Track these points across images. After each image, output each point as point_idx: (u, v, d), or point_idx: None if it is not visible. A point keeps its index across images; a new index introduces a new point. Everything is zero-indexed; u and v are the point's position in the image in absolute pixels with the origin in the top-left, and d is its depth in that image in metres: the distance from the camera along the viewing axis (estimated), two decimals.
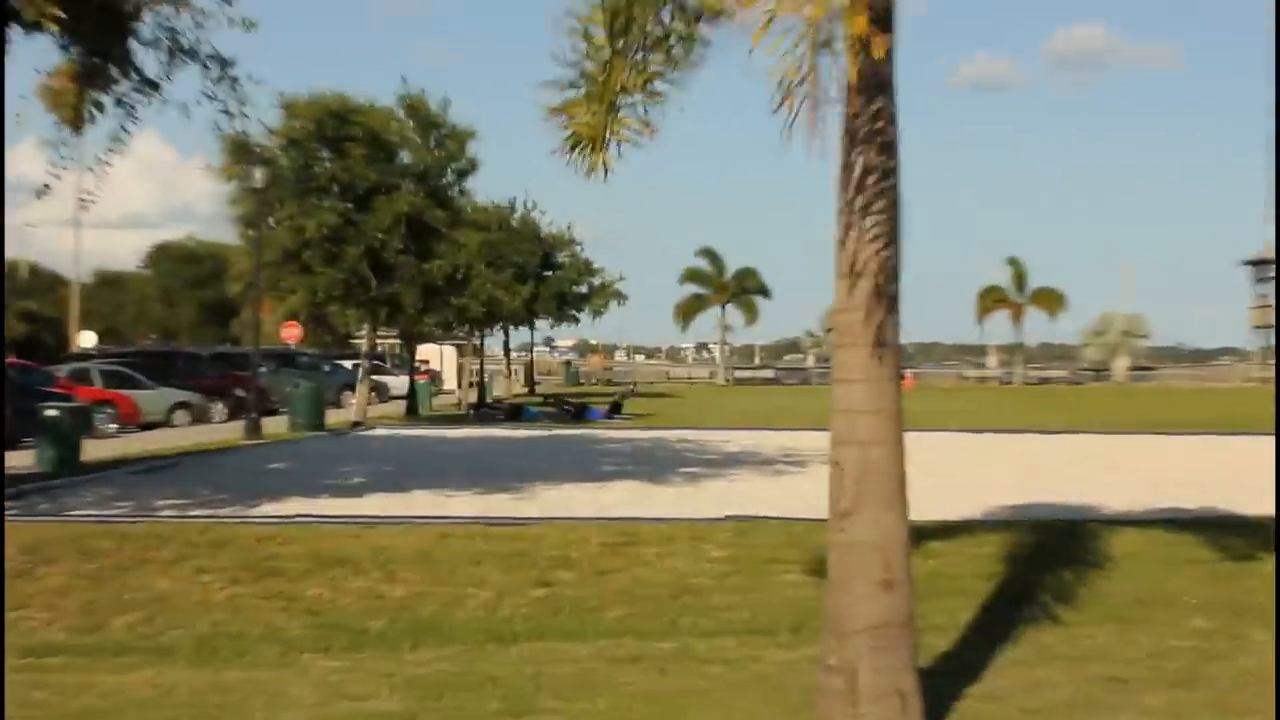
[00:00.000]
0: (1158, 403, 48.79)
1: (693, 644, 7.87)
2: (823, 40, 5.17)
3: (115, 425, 27.66)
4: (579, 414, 35.87)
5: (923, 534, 11.14)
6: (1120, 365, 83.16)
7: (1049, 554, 10.63)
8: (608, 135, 6.60)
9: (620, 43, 6.54)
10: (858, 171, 5.95)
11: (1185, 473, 18.46)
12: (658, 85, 6.64)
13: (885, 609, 5.88)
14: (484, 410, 38.37)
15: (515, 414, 36.35)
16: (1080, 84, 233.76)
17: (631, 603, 8.92)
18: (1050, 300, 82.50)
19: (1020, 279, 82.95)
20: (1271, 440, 16.43)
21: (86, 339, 51.41)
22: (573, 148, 6.67)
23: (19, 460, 18.16)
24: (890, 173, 5.96)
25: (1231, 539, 10.86)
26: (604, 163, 6.61)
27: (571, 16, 6.66)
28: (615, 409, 36.92)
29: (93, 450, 19.89)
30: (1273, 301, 71.79)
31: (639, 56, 6.60)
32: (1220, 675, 7.19)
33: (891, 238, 5.96)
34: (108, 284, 72.53)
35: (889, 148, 5.97)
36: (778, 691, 6.82)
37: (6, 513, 12.81)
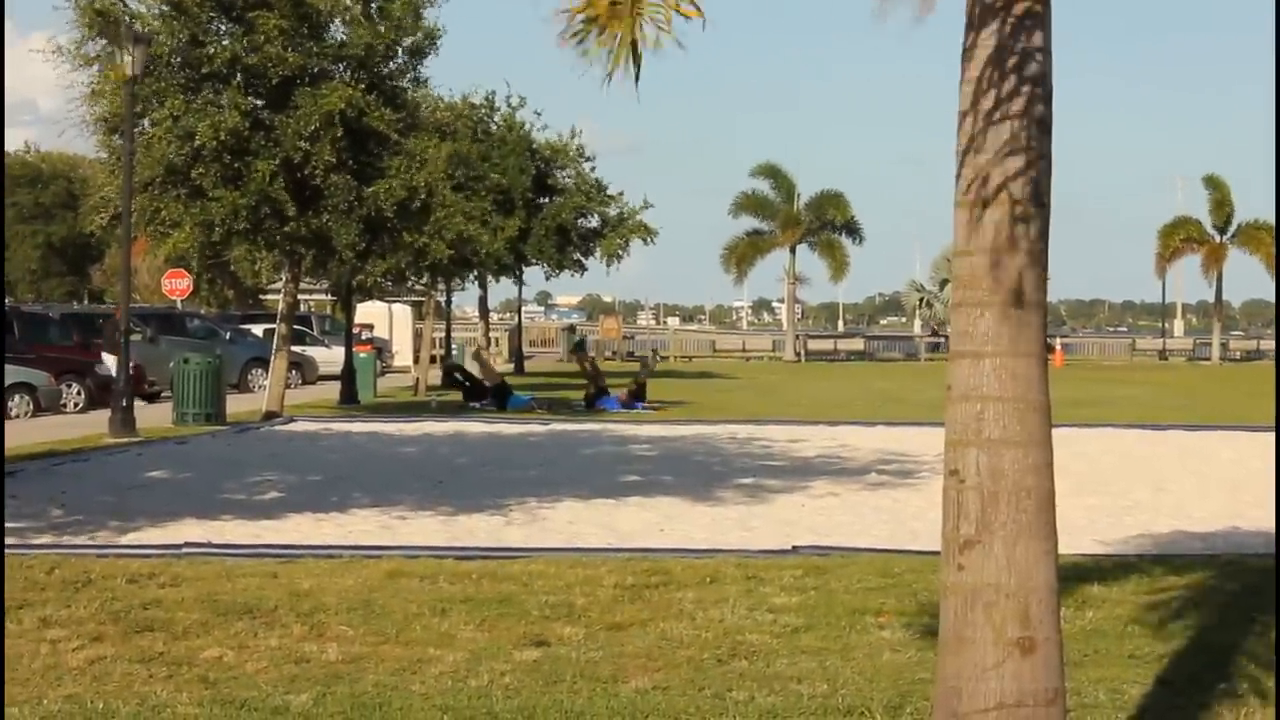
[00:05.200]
0: None
1: None
2: None
3: None
4: (490, 396, 36.48)
5: (1078, 574, 11.16)
6: None
7: (1260, 603, 10.65)
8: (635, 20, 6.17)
9: None
10: (989, 51, 5.98)
11: None
12: None
13: (1023, 680, 5.91)
14: (488, 396, 37.93)
15: (500, 399, 36.55)
16: None
17: (661, 670, 8.98)
18: (1264, 240, 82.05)
19: (1223, 209, 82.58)
20: None
21: None
22: (578, 36, 6.21)
23: None
24: (1036, 54, 5.99)
25: None
26: (633, 61, 6.11)
27: None
28: (637, 395, 37.02)
29: None
30: None
31: None
32: None
33: (1036, 148, 5.99)
34: None
35: (1036, 17, 5.98)
36: None
37: None
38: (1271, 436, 26.24)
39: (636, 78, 6.03)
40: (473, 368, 41.27)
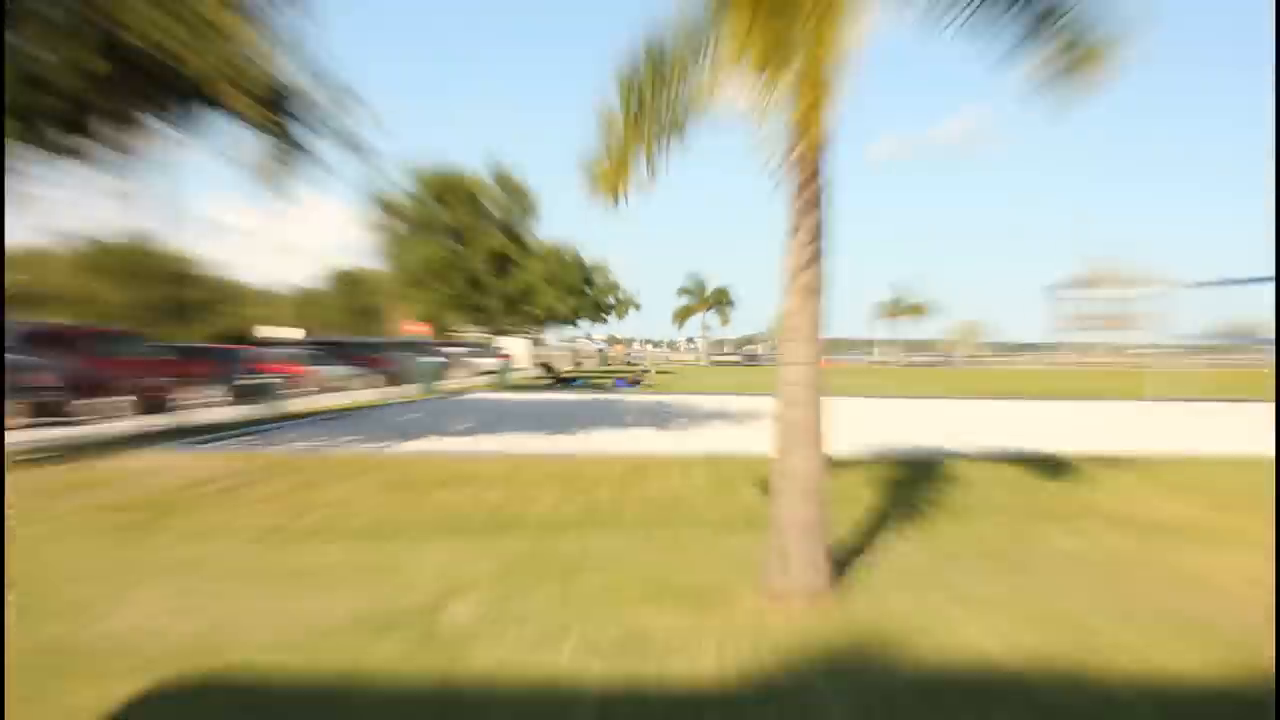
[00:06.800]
0: (984, 378, 48.56)
1: (683, 533, 8.10)
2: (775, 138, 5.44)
3: (311, 390, 27.78)
4: (563, 381, 36.07)
5: (834, 465, 11.34)
6: (960, 354, 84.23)
7: (917, 478, 10.79)
8: (620, 182, 6.61)
9: (632, 122, 6.44)
10: (800, 230, 6.14)
11: (1014, 425, 18.50)
12: (656, 153, 6.54)
13: (808, 512, 6.12)
14: (562, 381, 37.70)
15: (568, 383, 36.49)
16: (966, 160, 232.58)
17: (644, 507, 9.14)
18: (918, 311, 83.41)
19: (899, 299, 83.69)
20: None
21: (294, 334, 51.21)
22: (599, 182, 6.56)
23: (238, 413, 18.42)
24: (821, 212, 6.12)
25: (1035, 469, 11.06)
26: (619, 193, 6.50)
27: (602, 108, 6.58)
28: (636, 381, 37.06)
29: (292, 406, 20.11)
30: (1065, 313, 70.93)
31: (645, 138, 6.56)
32: (1017, 550, 7.45)
33: (820, 261, 6.12)
34: (309, 299, 69.99)
35: (820, 194, 6.15)
36: (737, 561, 7.07)
37: (228, 446, 13.05)
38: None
39: (615, 201, 6.35)
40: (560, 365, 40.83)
